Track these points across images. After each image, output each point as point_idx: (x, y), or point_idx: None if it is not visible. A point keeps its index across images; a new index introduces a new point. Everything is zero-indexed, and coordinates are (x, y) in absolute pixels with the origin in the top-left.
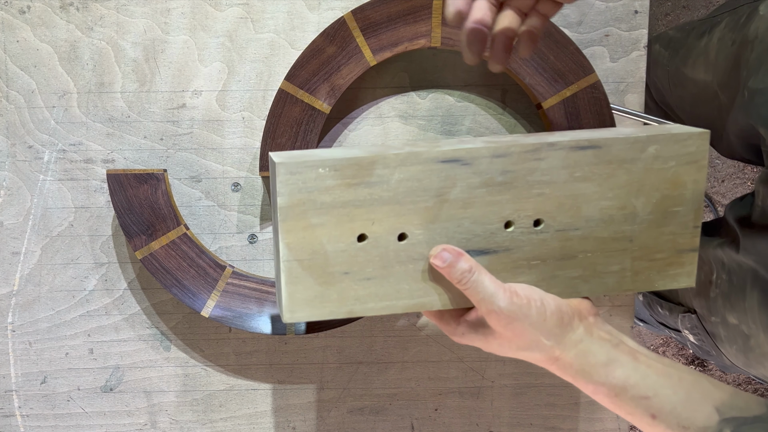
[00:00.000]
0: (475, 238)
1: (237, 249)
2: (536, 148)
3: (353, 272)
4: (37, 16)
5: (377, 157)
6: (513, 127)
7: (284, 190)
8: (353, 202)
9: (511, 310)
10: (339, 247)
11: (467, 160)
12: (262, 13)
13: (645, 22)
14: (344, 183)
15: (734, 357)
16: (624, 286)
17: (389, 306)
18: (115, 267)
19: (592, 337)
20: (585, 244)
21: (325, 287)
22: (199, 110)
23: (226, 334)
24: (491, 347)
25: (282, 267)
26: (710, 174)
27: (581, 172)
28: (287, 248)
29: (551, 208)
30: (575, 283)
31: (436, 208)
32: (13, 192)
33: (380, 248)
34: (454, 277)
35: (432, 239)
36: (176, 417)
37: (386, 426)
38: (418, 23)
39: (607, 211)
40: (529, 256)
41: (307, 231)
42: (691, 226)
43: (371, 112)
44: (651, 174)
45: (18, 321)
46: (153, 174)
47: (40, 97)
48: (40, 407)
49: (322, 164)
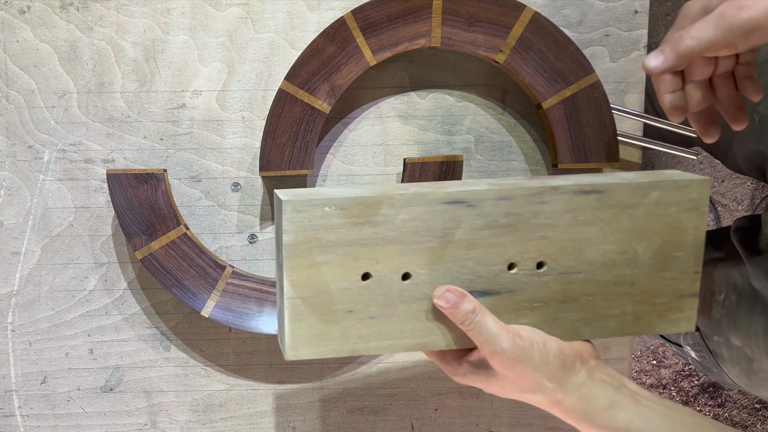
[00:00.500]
0: (479, 279)
1: (237, 249)
2: (540, 192)
3: (357, 311)
4: (37, 16)
5: (383, 197)
6: (513, 127)
7: (290, 228)
8: (358, 241)
9: (514, 352)
10: (343, 286)
11: (472, 201)
12: (262, 13)
13: (645, 22)
14: (350, 222)
15: (737, 378)
16: (625, 329)
17: (392, 345)
18: (115, 267)
19: (594, 381)
20: (587, 288)
21: (328, 325)
22: (199, 110)
23: (226, 334)
24: (493, 389)
25: (286, 304)
26: (709, 174)
27: (584, 216)
28: (291, 285)
29: (554, 251)
30: (577, 325)
31: (440, 249)
32: (13, 192)
33: (384, 287)
34: (457, 317)
35: (436, 279)
36: (176, 417)
37: (386, 426)
38: (418, 23)
39: (609, 255)
40: (531, 298)
41: (312, 269)
42: (692, 271)
43: (371, 112)
44: (653, 219)
45: (18, 321)
46: (153, 174)
47: (40, 97)
48: (40, 407)
49: (328, 203)
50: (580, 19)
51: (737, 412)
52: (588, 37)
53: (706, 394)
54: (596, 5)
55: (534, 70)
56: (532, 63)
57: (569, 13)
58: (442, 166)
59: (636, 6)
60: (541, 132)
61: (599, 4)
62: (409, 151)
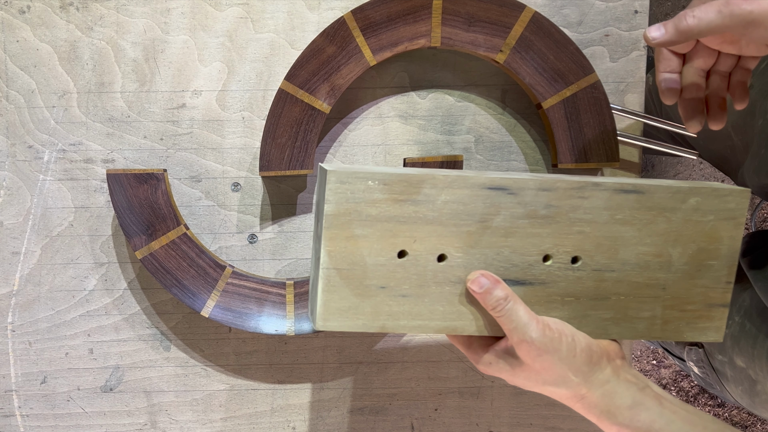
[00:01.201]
0: (513, 267)
1: (237, 249)
2: (581, 186)
3: (390, 287)
4: (37, 16)
5: (426, 176)
6: (513, 127)
7: (332, 198)
8: (398, 218)
9: (542, 342)
10: (379, 261)
11: (513, 189)
12: (262, 13)
13: (645, 22)
14: (391, 198)
15: (739, 397)
16: (653, 333)
17: (421, 326)
18: (115, 267)
19: (618, 379)
20: (619, 287)
21: (360, 299)
22: (199, 110)
23: (226, 334)
24: (517, 379)
25: (321, 274)
26: (710, 174)
27: (622, 215)
28: (328, 256)
29: (590, 247)
30: (606, 324)
31: (477, 234)
32: (13, 192)
33: (419, 267)
34: (489, 303)
35: (470, 264)
36: (176, 417)
37: (386, 426)
38: (418, 23)
39: (644, 256)
40: (563, 292)
41: (349, 241)
42: (724, 281)
43: (371, 112)
44: (689, 225)
45: (18, 321)
46: (153, 174)
47: (40, 97)
48: (40, 407)
49: (372, 177)
50: (580, 19)
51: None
52: (588, 37)
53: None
54: (596, 5)
55: (534, 70)
56: (532, 63)
57: (569, 13)
58: (442, 166)
59: (636, 6)
60: (541, 132)
61: (599, 4)
62: (409, 151)
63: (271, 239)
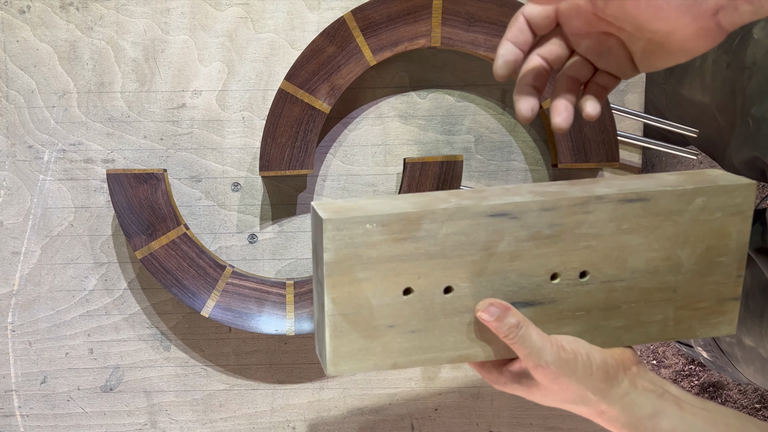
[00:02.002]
0: (521, 290)
1: (237, 249)
2: (584, 202)
3: (398, 325)
4: (37, 16)
5: (425, 212)
6: (513, 127)
7: (331, 246)
8: (400, 257)
9: (558, 366)
10: (384, 301)
11: (515, 213)
12: (262, 13)
13: None
14: (391, 238)
15: (752, 377)
16: (666, 335)
17: (434, 358)
18: (115, 267)
19: (636, 389)
20: (629, 295)
21: (369, 340)
22: (199, 110)
23: (226, 334)
24: (535, 398)
25: (327, 321)
26: None
27: (628, 225)
28: (332, 302)
29: (597, 260)
30: (619, 332)
31: (482, 262)
32: (13, 192)
33: (426, 301)
34: (501, 331)
35: (478, 292)
36: (176, 417)
37: (386, 426)
38: (418, 23)
39: (653, 262)
40: (574, 307)
41: (352, 285)
42: (735, 275)
43: (371, 112)
44: (697, 225)
45: (18, 321)
46: (153, 174)
47: (40, 97)
48: (40, 407)
49: (369, 220)
50: None
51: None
52: None
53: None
54: None
55: None
56: None
57: None
58: (442, 166)
59: None
60: (541, 132)
61: None
62: (409, 151)
63: (271, 239)
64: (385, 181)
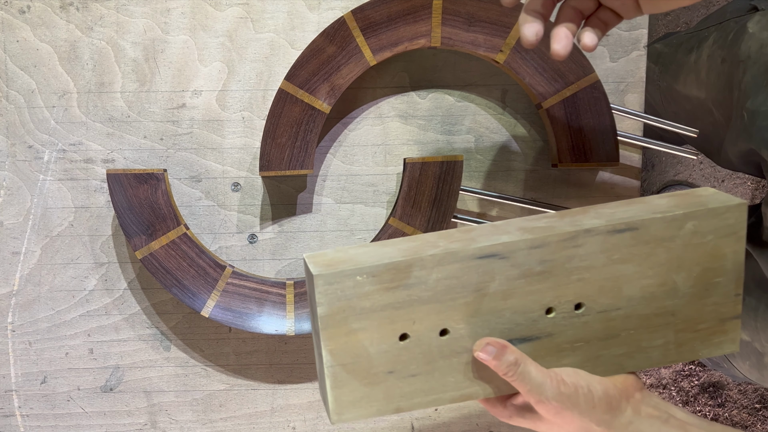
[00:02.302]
0: (517, 327)
1: (237, 249)
2: (573, 236)
3: (397, 371)
4: (37, 16)
5: (414, 260)
6: (513, 127)
7: (323, 300)
8: (393, 305)
9: (559, 401)
10: (382, 349)
11: (504, 254)
12: (262, 13)
13: (645, 22)
14: (382, 287)
15: (748, 372)
16: (669, 358)
17: (436, 399)
18: (115, 267)
19: (640, 417)
20: (628, 323)
21: (370, 388)
22: (199, 110)
23: (226, 334)
24: (540, 430)
25: (326, 372)
26: (710, 174)
27: (620, 255)
28: (330, 354)
29: (592, 292)
30: (620, 360)
31: (476, 303)
32: (13, 192)
33: (423, 345)
34: (500, 370)
35: (474, 332)
36: (176, 417)
37: (386, 426)
38: (418, 23)
39: (648, 288)
40: (572, 339)
41: (348, 336)
42: (733, 294)
43: (371, 112)
44: (690, 249)
45: (18, 321)
46: (153, 174)
47: (40, 97)
48: (40, 407)
49: (359, 272)
50: None
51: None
52: None
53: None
54: None
55: (534, 69)
56: (532, 63)
57: None
58: (442, 166)
59: None
60: (541, 132)
61: None
62: (409, 151)
63: (271, 239)
64: (385, 181)
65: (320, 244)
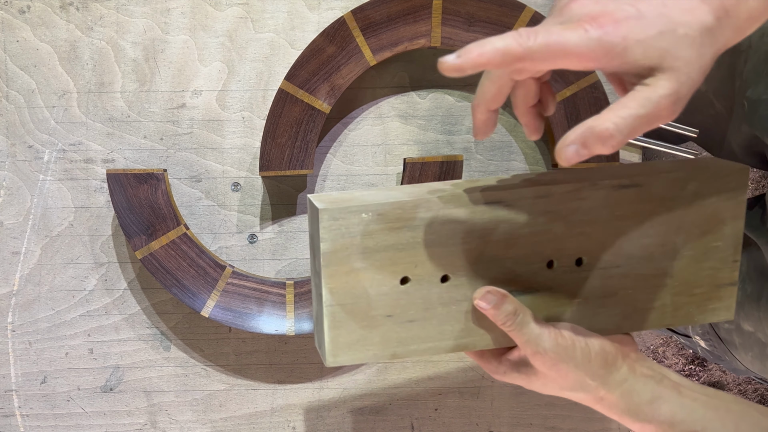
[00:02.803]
0: (518, 278)
1: (237, 249)
2: (578, 189)
3: (396, 315)
4: (37, 15)
5: (420, 201)
6: (513, 127)
7: (327, 236)
8: (396, 246)
9: (556, 352)
10: (382, 291)
11: (509, 201)
12: (262, 13)
13: None
14: (387, 227)
15: (750, 364)
16: (664, 321)
17: (432, 348)
18: (115, 267)
19: (635, 375)
20: (626, 282)
21: (367, 330)
22: (199, 110)
23: (226, 334)
24: (534, 386)
25: (325, 312)
26: None
27: (622, 211)
28: (330, 293)
29: (593, 247)
30: (616, 319)
31: (478, 250)
32: (13, 192)
33: (423, 290)
34: (498, 319)
35: (475, 280)
36: (176, 417)
37: (386, 426)
38: (418, 23)
39: (648, 248)
40: (571, 295)
41: (350, 276)
42: (731, 260)
43: (371, 112)
44: (691, 211)
45: (18, 321)
46: (153, 174)
47: (40, 97)
48: (40, 407)
49: (365, 209)
50: None
51: None
52: None
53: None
54: None
55: None
56: None
57: None
58: (442, 166)
59: None
60: None
61: None
62: (409, 151)
63: (271, 239)
64: (385, 181)
65: None
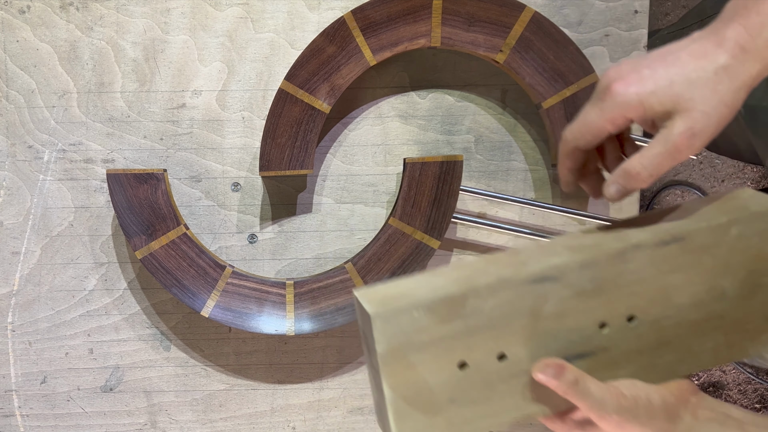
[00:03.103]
0: (573, 344)
1: (237, 249)
2: (621, 252)
3: (458, 399)
4: (37, 16)
5: (468, 290)
6: (513, 127)
7: (382, 338)
8: (450, 336)
9: (620, 414)
10: (441, 379)
11: (556, 276)
12: (262, 13)
13: (645, 22)
14: (439, 320)
15: None
16: (719, 359)
17: (498, 422)
18: (115, 267)
19: (699, 421)
20: (678, 329)
21: (432, 417)
22: (199, 110)
23: (226, 334)
24: None
25: (389, 407)
26: (710, 174)
27: (668, 266)
28: (391, 389)
29: (643, 303)
30: (672, 366)
31: (531, 325)
32: (13, 192)
33: (482, 372)
34: (560, 389)
35: (531, 354)
36: (176, 417)
37: None
38: (418, 23)
39: (697, 295)
40: (626, 351)
41: (408, 370)
42: None
43: (371, 112)
44: (735, 254)
45: (18, 321)
46: (153, 174)
47: (40, 97)
48: (40, 407)
49: (415, 307)
50: (580, 19)
51: None
52: (588, 37)
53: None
54: (596, 5)
55: (534, 70)
56: (532, 63)
57: (569, 13)
58: (442, 166)
59: (636, 6)
60: (541, 132)
61: (599, 4)
62: (409, 151)
63: (271, 239)
64: (385, 181)
65: (320, 244)
